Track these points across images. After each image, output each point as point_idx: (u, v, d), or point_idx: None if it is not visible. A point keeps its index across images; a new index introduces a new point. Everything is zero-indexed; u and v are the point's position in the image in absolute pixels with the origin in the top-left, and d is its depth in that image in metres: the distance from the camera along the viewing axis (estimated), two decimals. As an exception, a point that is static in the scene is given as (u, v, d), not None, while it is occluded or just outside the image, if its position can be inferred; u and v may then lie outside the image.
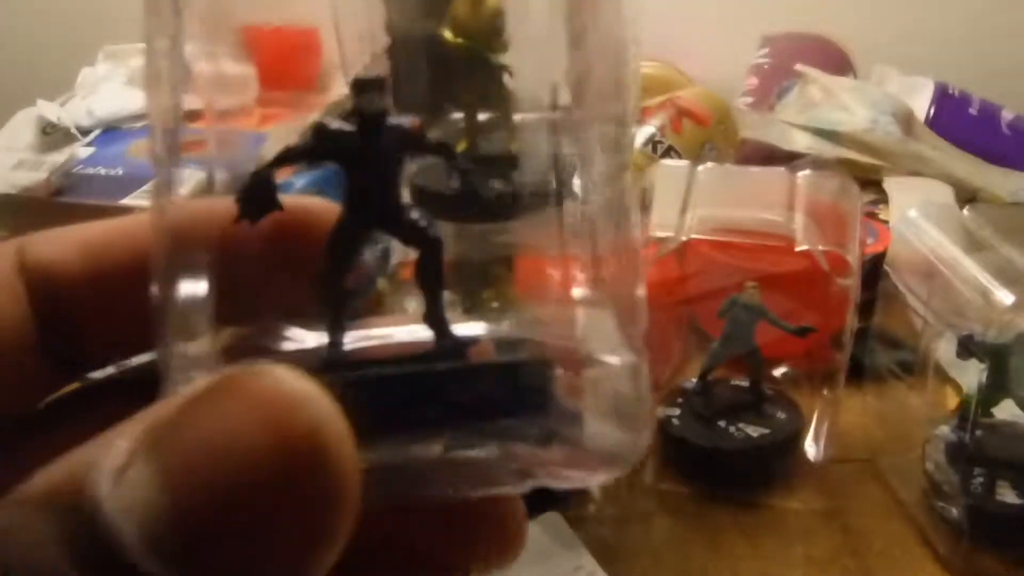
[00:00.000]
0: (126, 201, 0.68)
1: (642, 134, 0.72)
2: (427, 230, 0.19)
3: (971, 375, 0.45)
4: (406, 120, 0.19)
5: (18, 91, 0.82)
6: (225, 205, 0.18)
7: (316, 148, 0.18)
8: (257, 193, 0.18)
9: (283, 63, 0.22)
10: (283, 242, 0.20)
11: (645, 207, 0.49)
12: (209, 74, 0.20)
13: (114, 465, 0.14)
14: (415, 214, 0.19)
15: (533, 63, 0.24)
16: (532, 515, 0.19)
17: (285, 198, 0.19)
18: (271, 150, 0.19)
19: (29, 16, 1.11)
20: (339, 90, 0.18)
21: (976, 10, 1.00)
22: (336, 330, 0.19)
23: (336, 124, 0.18)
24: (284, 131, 0.21)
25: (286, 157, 0.18)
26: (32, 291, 0.20)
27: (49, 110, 0.80)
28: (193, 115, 0.19)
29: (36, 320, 0.20)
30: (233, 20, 0.21)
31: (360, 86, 0.18)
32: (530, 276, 0.20)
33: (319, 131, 0.18)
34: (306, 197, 0.21)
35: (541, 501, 0.45)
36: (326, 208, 0.20)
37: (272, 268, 0.20)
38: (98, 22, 1.02)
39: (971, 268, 0.46)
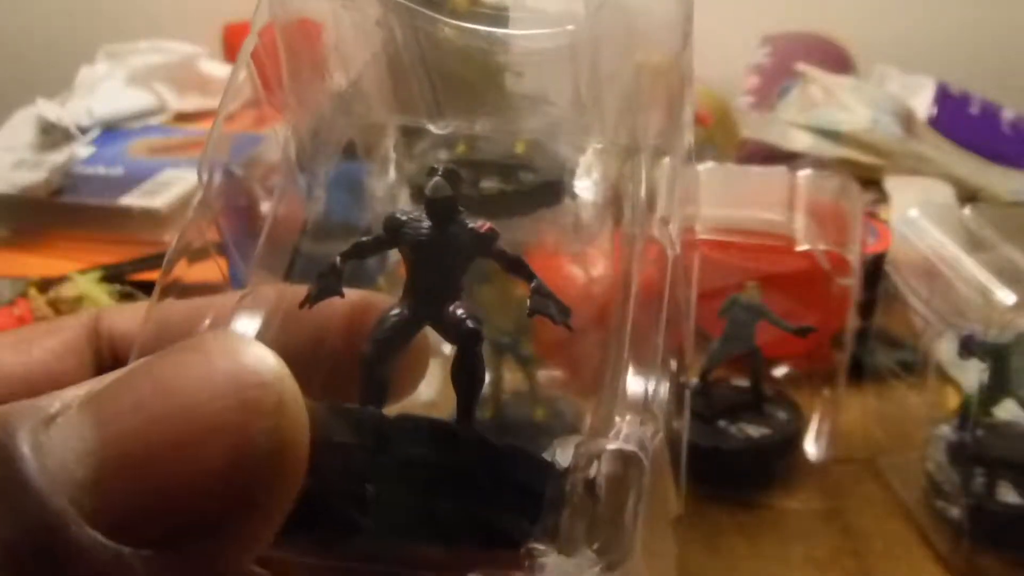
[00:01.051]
0: (126, 200, 0.68)
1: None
2: (466, 322, 0.18)
3: (971, 375, 0.45)
4: (480, 222, 0.19)
5: (18, 90, 0.82)
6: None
7: (387, 240, 0.19)
8: (325, 281, 0.19)
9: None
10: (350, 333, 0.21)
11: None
12: (209, 76, 0.20)
13: (45, 413, 0.14)
14: (461, 310, 0.18)
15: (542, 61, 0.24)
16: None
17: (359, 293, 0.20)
18: (265, 151, 0.19)
19: (28, 15, 1.11)
20: (336, 84, 0.18)
21: (976, 10, 1.00)
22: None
23: (405, 214, 0.19)
24: (278, 133, 0.21)
25: (357, 251, 0.19)
26: (100, 361, 0.21)
27: (49, 109, 0.79)
28: (188, 117, 0.19)
29: None
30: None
31: (431, 171, 0.18)
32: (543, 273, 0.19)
33: (389, 223, 0.19)
34: (376, 294, 0.22)
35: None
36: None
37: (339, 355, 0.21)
38: (97, 21, 1.02)
39: (971, 268, 0.46)
